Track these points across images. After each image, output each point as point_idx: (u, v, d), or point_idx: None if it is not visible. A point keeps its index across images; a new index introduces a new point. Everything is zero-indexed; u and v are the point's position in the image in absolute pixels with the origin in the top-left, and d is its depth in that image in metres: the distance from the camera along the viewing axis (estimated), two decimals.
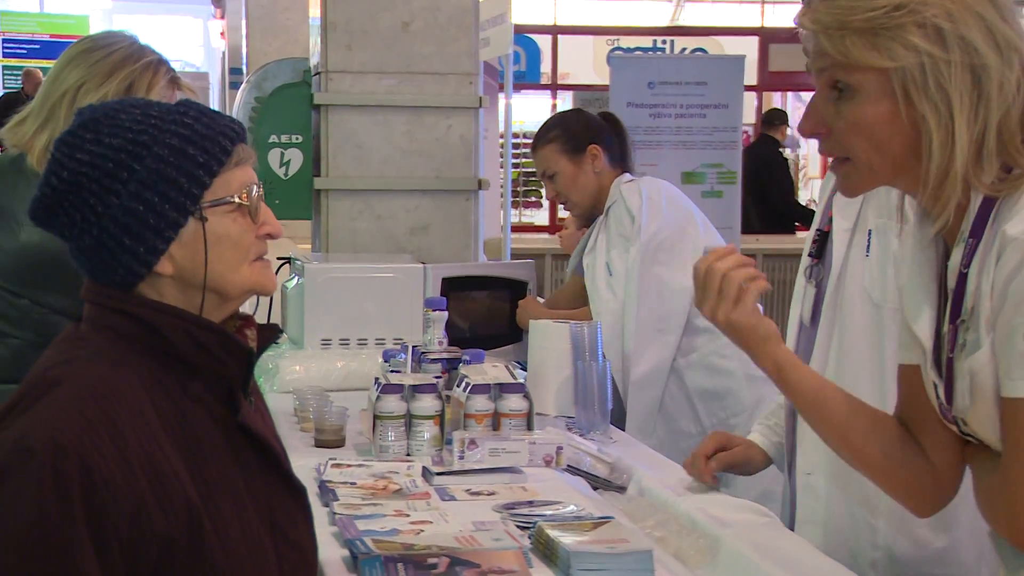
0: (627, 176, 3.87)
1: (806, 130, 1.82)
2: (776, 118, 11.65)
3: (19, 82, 21.17)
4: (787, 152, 13.11)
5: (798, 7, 2.01)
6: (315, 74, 4.59)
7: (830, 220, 2.60)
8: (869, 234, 2.41)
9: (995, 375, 1.68)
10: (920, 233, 1.83)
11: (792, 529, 2.64)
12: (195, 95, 2.93)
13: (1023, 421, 1.65)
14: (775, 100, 15.22)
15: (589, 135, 3.89)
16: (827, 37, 1.73)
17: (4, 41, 21.71)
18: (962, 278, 1.72)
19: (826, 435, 2.00)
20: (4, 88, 21.30)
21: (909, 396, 1.91)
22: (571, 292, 4.08)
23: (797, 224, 10.87)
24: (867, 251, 2.44)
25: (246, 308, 4.01)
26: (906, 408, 1.92)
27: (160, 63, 2.88)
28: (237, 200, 1.71)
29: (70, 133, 1.70)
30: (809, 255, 2.66)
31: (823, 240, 2.62)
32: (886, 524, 2.40)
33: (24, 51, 21.80)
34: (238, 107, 4.59)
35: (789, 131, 11.77)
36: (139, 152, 1.66)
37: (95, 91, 2.73)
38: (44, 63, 21.67)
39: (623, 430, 3.39)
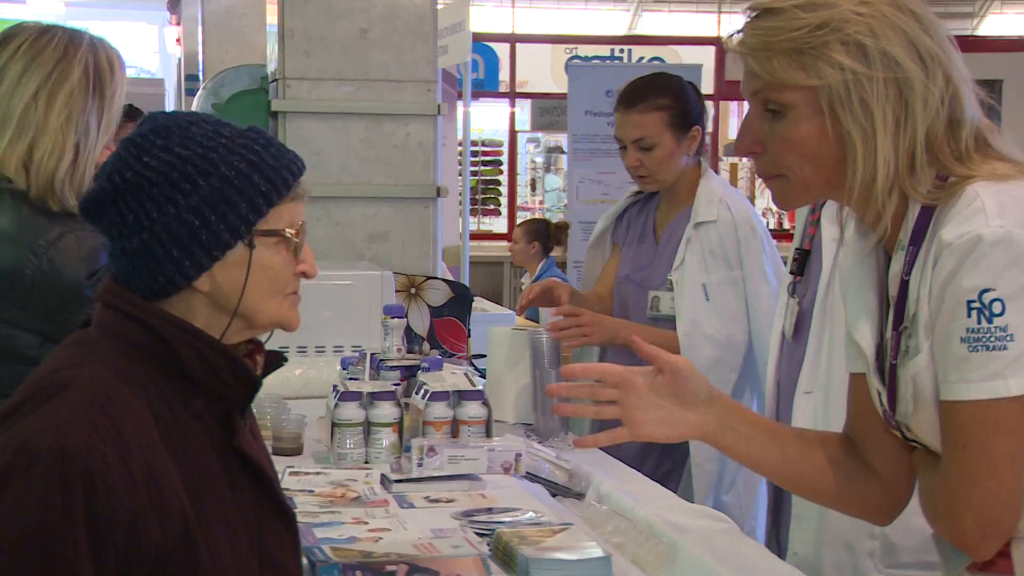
0: (719, 181, 3.55)
1: (741, 149, 1.84)
2: None
3: None
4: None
5: None
6: (272, 81, 4.57)
7: (810, 238, 2.65)
8: None
9: (934, 379, 1.70)
10: (859, 243, 1.85)
11: (775, 526, 2.66)
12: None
13: (960, 423, 1.67)
14: (731, 109, 15.27)
15: (698, 113, 3.52)
16: (755, 59, 1.75)
17: None
18: (904, 285, 1.74)
19: (780, 483, 2.04)
20: None
21: (857, 405, 1.93)
22: (601, 288, 3.70)
23: None
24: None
25: None
26: (855, 418, 1.95)
27: (95, 40, 2.71)
28: (287, 234, 1.71)
29: (140, 135, 1.70)
30: (791, 272, 2.73)
31: (803, 258, 2.70)
32: None
33: None
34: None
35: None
36: (207, 168, 1.66)
37: (64, 83, 2.62)
38: None
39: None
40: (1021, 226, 1.63)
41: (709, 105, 10.72)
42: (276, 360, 1.84)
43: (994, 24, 15.85)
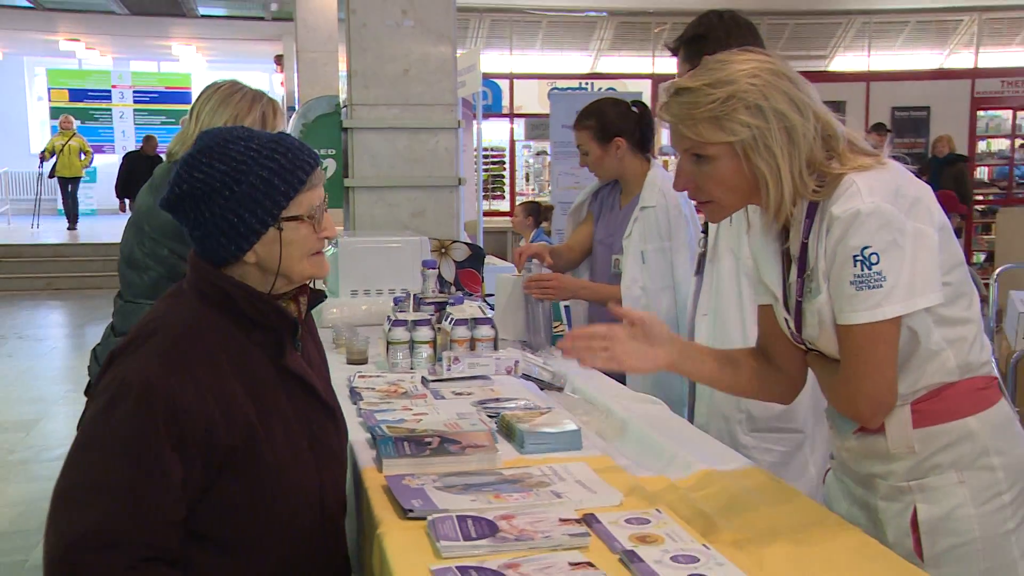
0: (661, 173, 3.37)
1: (679, 187, 1.81)
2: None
3: (145, 122, 21.43)
4: (668, 158, 13.13)
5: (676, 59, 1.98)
6: (343, 107, 4.53)
7: None
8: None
9: (831, 311, 1.70)
10: (764, 224, 1.83)
11: (692, 406, 2.68)
12: (282, 116, 2.94)
13: (853, 339, 1.68)
14: (664, 124, 15.18)
15: (616, 128, 3.35)
16: (684, 126, 1.73)
17: (135, 92, 22.04)
18: (804, 247, 1.73)
19: (723, 389, 2.02)
20: (136, 124, 21.57)
21: (765, 327, 1.92)
22: (572, 243, 3.58)
23: None
24: (730, 222, 2.49)
25: None
26: (764, 336, 1.93)
27: (272, 98, 2.89)
28: (305, 217, 1.66)
29: (192, 155, 1.65)
30: (702, 232, 2.73)
31: (706, 226, 2.70)
32: None
33: (147, 99, 22.06)
34: (290, 130, 4.53)
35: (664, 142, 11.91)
36: (239, 178, 1.62)
37: (246, 117, 2.76)
38: (161, 107, 21.74)
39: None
40: (887, 201, 1.63)
41: None
42: (320, 297, 1.82)
43: (840, 62, 15.85)
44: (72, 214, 16.61)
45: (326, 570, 1.75)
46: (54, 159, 16.41)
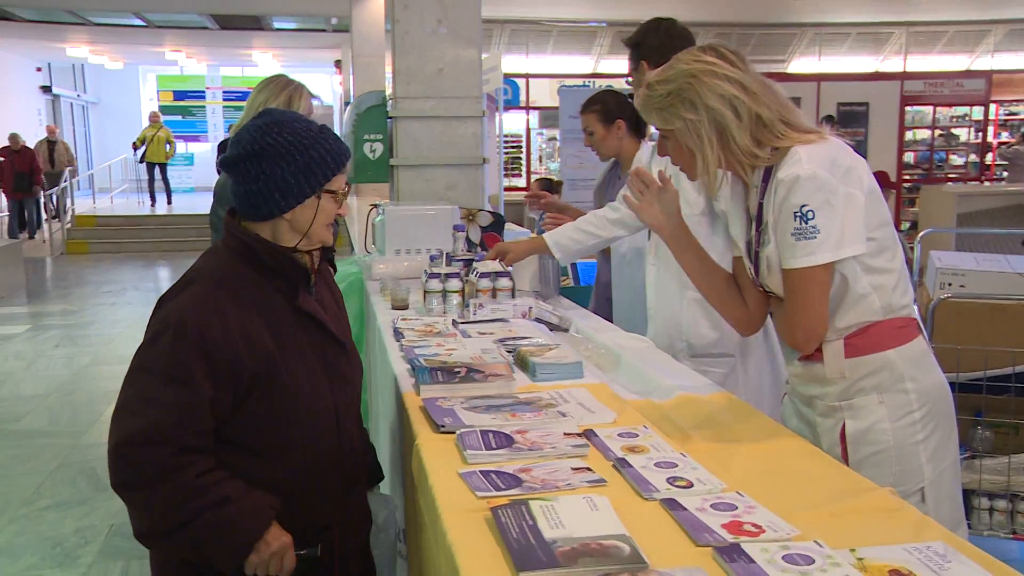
0: (646, 151, 3.31)
1: (660, 154, 1.82)
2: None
3: (232, 116, 21.56)
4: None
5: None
6: (389, 100, 4.45)
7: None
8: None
9: (778, 258, 1.69)
10: (732, 188, 1.81)
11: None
12: (312, 99, 3.17)
13: (792, 280, 1.68)
14: None
15: (618, 112, 3.29)
16: (644, 114, 1.77)
17: (224, 92, 22.51)
18: (760, 207, 1.72)
19: (696, 284, 1.93)
20: (224, 119, 21.78)
21: (736, 272, 1.89)
22: None
23: None
24: (678, 183, 2.45)
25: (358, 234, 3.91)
26: (736, 278, 1.90)
27: (300, 85, 3.07)
28: (339, 193, 1.67)
29: (262, 125, 1.63)
30: None
31: None
32: (687, 326, 2.51)
33: (234, 97, 22.39)
34: (346, 120, 4.48)
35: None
36: (302, 149, 1.61)
37: (274, 100, 3.00)
38: (245, 104, 21.71)
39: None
40: (823, 168, 1.61)
41: None
42: (330, 255, 1.80)
43: (796, 65, 15.64)
44: (153, 194, 16.70)
45: (343, 475, 1.74)
46: (144, 146, 16.45)
